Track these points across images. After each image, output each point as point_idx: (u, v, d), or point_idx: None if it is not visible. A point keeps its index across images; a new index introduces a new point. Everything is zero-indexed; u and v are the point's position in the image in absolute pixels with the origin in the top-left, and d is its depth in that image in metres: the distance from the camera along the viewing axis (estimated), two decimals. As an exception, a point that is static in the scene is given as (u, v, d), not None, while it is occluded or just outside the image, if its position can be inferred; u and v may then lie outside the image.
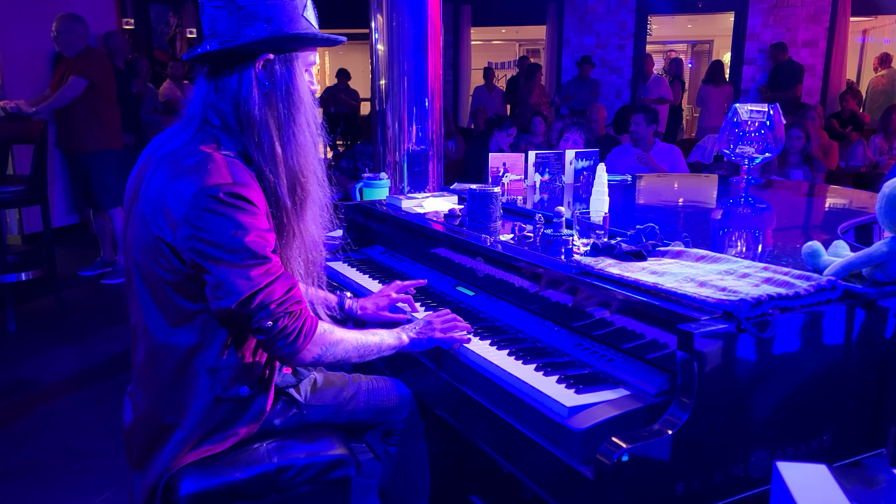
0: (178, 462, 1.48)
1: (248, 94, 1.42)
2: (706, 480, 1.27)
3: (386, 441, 1.83)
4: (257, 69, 1.43)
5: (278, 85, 1.44)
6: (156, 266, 1.40)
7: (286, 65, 1.45)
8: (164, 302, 1.43)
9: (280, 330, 1.40)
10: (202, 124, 1.44)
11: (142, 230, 1.42)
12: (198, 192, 1.33)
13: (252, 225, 1.36)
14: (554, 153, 2.92)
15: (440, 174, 3.85)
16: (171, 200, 1.35)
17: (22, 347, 4.01)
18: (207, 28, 1.43)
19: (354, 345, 1.56)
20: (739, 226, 2.31)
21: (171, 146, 1.44)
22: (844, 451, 1.43)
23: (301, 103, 1.47)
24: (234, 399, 1.50)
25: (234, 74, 1.42)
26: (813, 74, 8.99)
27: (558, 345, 1.66)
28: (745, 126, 2.88)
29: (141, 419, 1.52)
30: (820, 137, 6.04)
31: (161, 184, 1.38)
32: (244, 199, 1.36)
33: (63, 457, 2.85)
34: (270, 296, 1.38)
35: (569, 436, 1.31)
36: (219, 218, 1.33)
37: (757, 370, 1.30)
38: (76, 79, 4.74)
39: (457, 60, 11.00)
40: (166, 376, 1.46)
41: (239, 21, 1.39)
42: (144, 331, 1.47)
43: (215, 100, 1.44)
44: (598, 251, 1.69)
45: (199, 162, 1.36)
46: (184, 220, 1.34)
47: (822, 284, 1.35)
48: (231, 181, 1.35)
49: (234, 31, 1.40)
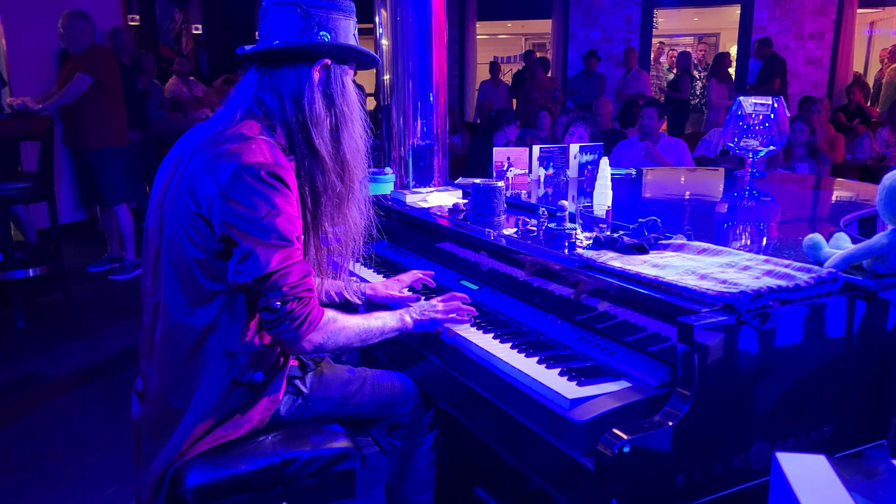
0: (189, 450, 1.50)
1: (311, 93, 1.53)
2: (707, 471, 1.28)
3: (391, 435, 1.84)
4: (315, 71, 1.54)
5: (335, 89, 1.57)
6: (186, 241, 1.46)
7: (341, 72, 1.59)
8: (188, 280, 1.48)
9: (287, 313, 1.44)
10: (247, 114, 1.53)
11: (179, 204, 1.47)
12: (239, 167, 1.40)
13: (284, 207, 1.43)
14: (558, 147, 2.92)
15: (445, 169, 3.86)
16: (211, 176, 1.42)
17: (30, 343, 4.05)
18: (266, 28, 1.54)
19: (356, 331, 1.59)
20: (743, 219, 2.31)
21: (213, 130, 1.51)
22: (845, 443, 1.44)
23: (356, 107, 1.61)
24: (248, 384, 1.54)
25: (292, 71, 1.53)
26: (820, 67, 8.95)
27: (561, 338, 1.67)
28: (750, 119, 2.88)
29: (151, 401, 1.54)
30: (826, 130, 6.02)
31: (202, 161, 1.45)
32: (282, 182, 1.43)
33: (71, 451, 2.87)
34: (286, 278, 1.43)
35: (571, 427, 1.32)
36: (256, 195, 1.40)
37: (757, 362, 1.30)
38: (82, 76, 4.77)
39: (462, 55, 10.99)
40: (180, 357, 1.50)
41: (305, 26, 1.52)
42: (164, 309, 1.50)
43: (265, 95, 1.54)
44: (601, 245, 1.70)
45: (241, 143, 1.44)
46: (221, 192, 1.40)
47: (823, 276, 1.36)
48: (272, 162, 1.43)
49: (299, 34, 1.52)
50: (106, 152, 5.01)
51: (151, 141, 6.61)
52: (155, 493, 1.51)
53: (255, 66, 1.57)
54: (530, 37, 14.79)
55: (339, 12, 1.56)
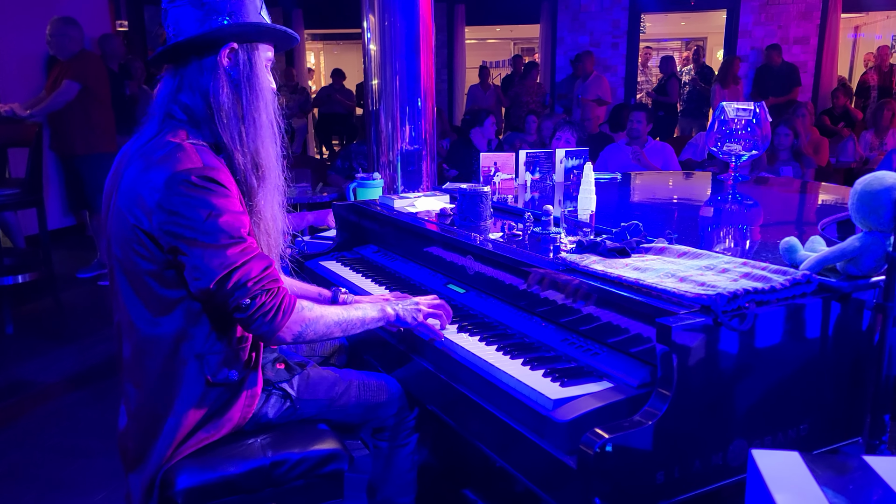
0: (174, 454, 1.52)
1: (215, 83, 1.49)
2: (686, 469, 1.31)
3: (376, 437, 1.86)
4: (223, 58, 1.50)
5: (242, 72, 1.52)
6: (135, 257, 1.45)
7: (249, 54, 1.53)
8: (146, 293, 1.48)
9: (258, 307, 1.44)
10: (167, 118, 1.51)
11: (119, 223, 1.47)
12: (170, 177, 1.38)
13: (225, 207, 1.42)
14: (545, 152, 2.95)
15: (434, 173, 3.89)
16: (145, 189, 1.41)
17: (20, 349, 4.04)
18: (172, 30, 1.51)
19: (336, 319, 1.59)
20: (725, 222, 2.35)
21: (139, 142, 1.51)
22: (822, 440, 1.47)
23: (262, 91, 1.54)
24: (224, 384, 1.55)
25: (201, 65, 1.50)
26: (805, 71, 9.04)
27: (545, 340, 1.70)
28: (733, 124, 2.93)
29: (134, 414, 1.56)
30: (811, 134, 6.09)
31: (134, 176, 1.44)
32: (215, 182, 1.41)
33: (61, 457, 2.88)
34: (247, 274, 1.42)
35: (554, 427, 1.35)
36: (192, 201, 1.39)
37: (735, 362, 1.34)
38: (70, 82, 4.77)
39: (451, 59, 11.03)
40: (155, 368, 1.51)
41: (203, 16, 1.48)
42: (130, 325, 1.51)
43: (181, 95, 1.51)
44: (584, 248, 1.73)
45: (169, 151, 1.42)
46: (158, 206, 1.39)
47: (798, 279, 1.39)
48: (202, 165, 1.41)
49: (198, 26, 1.48)
50: (93, 158, 5.01)
51: (140, 146, 6.61)
52: (146, 498, 1.52)
53: (168, 69, 1.54)
54: (519, 41, 14.87)
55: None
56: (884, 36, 10.54)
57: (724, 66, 8.43)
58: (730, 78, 8.23)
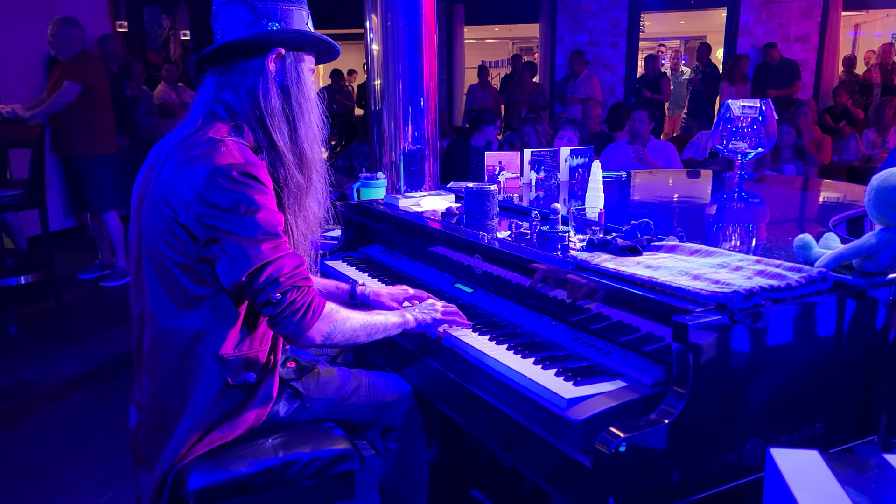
0: (188, 453, 1.51)
1: (266, 86, 1.52)
2: (702, 468, 1.30)
3: (385, 437, 1.86)
4: (270, 62, 1.53)
5: (289, 77, 1.55)
6: (167, 248, 1.46)
7: (296, 60, 1.57)
8: (173, 286, 1.48)
9: (289, 304, 1.44)
10: (209, 116, 1.53)
11: (155, 213, 1.47)
12: (211, 171, 1.41)
13: (263, 203, 1.44)
14: (549, 151, 2.95)
15: (437, 173, 3.88)
16: (185, 181, 1.42)
17: (23, 350, 4.03)
18: (221, 31, 1.54)
19: (361, 323, 1.60)
20: (733, 220, 2.35)
21: (179, 136, 1.52)
22: (837, 439, 1.46)
23: (309, 97, 1.59)
24: (242, 385, 1.55)
25: (247, 66, 1.53)
26: (806, 69, 9.04)
27: (556, 339, 1.69)
28: (738, 122, 2.92)
29: (146, 408, 1.55)
30: (813, 132, 6.09)
31: (174, 169, 1.45)
32: (255, 179, 1.43)
33: (66, 457, 2.87)
34: (280, 269, 1.43)
35: (568, 427, 1.34)
36: (231, 195, 1.40)
37: (750, 360, 1.33)
38: (70, 84, 4.75)
39: (450, 59, 11.02)
40: (171, 361, 1.50)
41: (253, 20, 1.51)
42: (151, 316, 1.51)
43: (226, 95, 1.54)
44: (594, 247, 1.72)
45: (211, 146, 1.44)
46: (197, 198, 1.40)
47: (813, 276, 1.39)
48: (243, 161, 1.44)
49: (248, 29, 1.51)
50: (93, 160, 5.00)
51: (140, 148, 6.59)
52: (157, 497, 1.51)
53: (212, 69, 1.57)
54: (518, 41, 14.87)
55: (287, 2, 1.55)
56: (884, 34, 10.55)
57: (733, 64, 8.41)
58: (738, 76, 8.22)
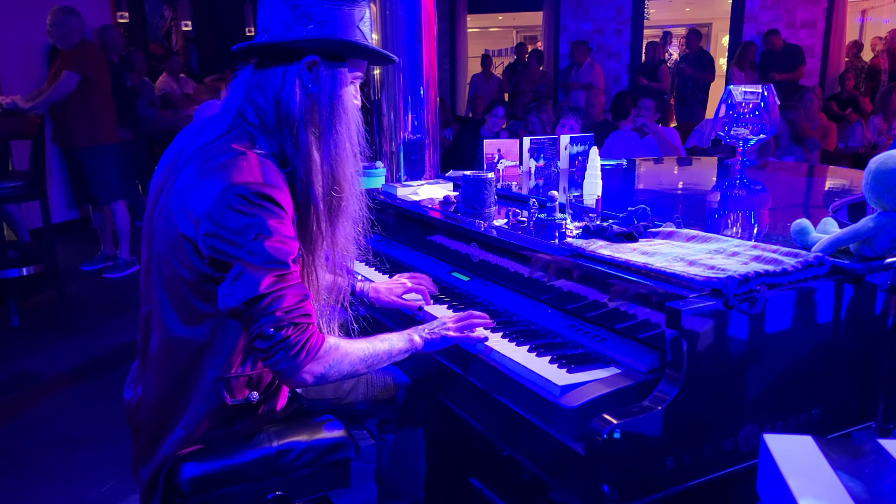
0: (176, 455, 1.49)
1: (291, 93, 1.40)
2: (696, 455, 1.29)
3: (382, 428, 1.85)
4: (302, 69, 1.41)
5: (322, 89, 1.42)
6: (175, 262, 1.39)
7: (332, 70, 1.43)
8: (178, 300, 1.42)
9: (282, 340, 1.33)
10: (237, 119, 1.42)
11: (166, 225, 1.40)
12: (226, 188, 1.30)
13: (276, 229, 1.32)
14: (548, 138, 2.93)
15: (436, 162, 3.86)
16: (197, 196, 1.33)
17: (25, 342, 4.04)
18: (262, 23, 1.42)
19: (361, 356, 1.48)
20: (733, 207, 2.33)
21: (203, 139, 1.42)
22: (834, 425, 1.45)
23: (344, 112, 1.45)
24: (242, 404, 1.50)
25: (278, 71, 1.41)
26: (812, 56, 8.96)
27: (552, 326, 1.68)
28: (740, 108, 2.89)
29: (151, 406, 1.51)
30: (818, 119, 6.04)
31: (190, 179, 1.36)
32: (272, 202, 1.32)
33: (68, 448, 2.88)
34: (279, 302, 1.32)
35: (561, 414, 1.33)
36: (243, 218, 1.30)
37: (745, 346, 1.32)
38: (69, 73, 4.74)
39: (453, 49, 10.97)
40: (177, 370, 1.46)
41: (293, 19, 1.38)
42: (159, 322, 1.46)
43: (256, 96, 1.42)
44: (590, 233, 1.71)
45: (230, 159, 1.33)
46: (207, 215, 1.30)
47: (810, 261, 1.37)
48: (261, 181, 1.32)
49: (286, 29, 1.39)
50: (95, 150, 4.99)
51: (142, 139, 6.59)
52: (151, 486, 1.51)
53: (251, 63, 1.45)
54: (521, 29, 14.78)
55: (333, 1, 1.40)
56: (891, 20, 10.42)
57: (742, 51, 8.34)
58: (746, 63, 8.15)
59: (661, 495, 1.28)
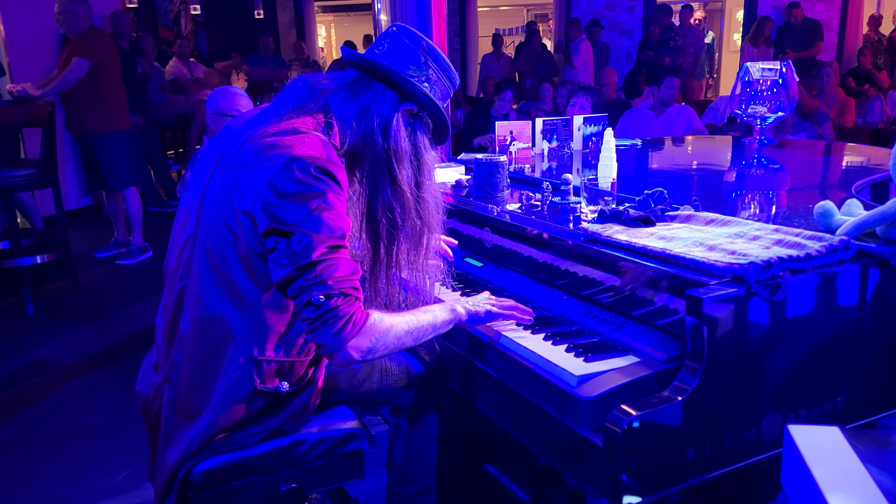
0: (201, 450, 1.46)
1: (397, 125, 1.50)
2: (717, 445, 1.26)
3: (396, 415, 1.83)
4: (407, 110, 1.52)
5: (418, 136, 1.55)
6: (227, 233, 1.40)
7: (422, 126, 1.56)
8: (223, 273, 1.42)
9: (330, 309, 1.33)
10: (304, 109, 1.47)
11: (220, 199, 1.41)
12: (290, 160, 1.34)
13: (335, 203, 1.37)
14: (561, 119, 2.87)
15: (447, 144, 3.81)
16: (261, 167, 1.36)
17: (40, 329, 4.06)
18: (382, 48, 1.51)
19: (406, 328, 1.47)
20: (752, 187, 2.27)
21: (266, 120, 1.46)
22: (859, 412, 1.42)
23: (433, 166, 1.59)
24: (272, 393, 1.48)
25: (385, 99, 1.50)
26: (829, 30, 8.77)
27: (567, 313, 1.65)
28: (757, 85, 2.82)
29: (177, 388, 1.48)
30: (836, 94, 5.92)
31: (251, 151, 1.40)
32: (333, 178, 1.37)
33: (84, 435, 2.89)
34: (332, 271, 1.34)
35: (578, 404, 1.31)
36: (305, 188, 1.34)
37: (768, 333, 1.28)
38: (79, 60, 4.73)
39: (464, 28, 10.85)
40: (205, 351, 1.45)
41: (417, 69, 1.50)
42: (196, 298, 1.45)
43: (346, 101, 1.49)
44: (606, 218, 1.67)
45: (294, 136, 1.39)
46: (269, 185, 1.34)
47: (835, 245, 1.33)
48: (325, 157, 1.37)
49: (405, 68, 1.49)
50: (107, 137, 4.98)
51: (153, 124, 6.58)
52: (169, 483, 1.49)
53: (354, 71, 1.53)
54: (532, 7, 14.59)
55: (448, 80, 1.56)
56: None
57: (757, 27, 8.18)
58: (761, 39, 7.99)
59: (681, 486, 1.25)
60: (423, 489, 1.84)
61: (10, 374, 3.50)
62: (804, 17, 8.10)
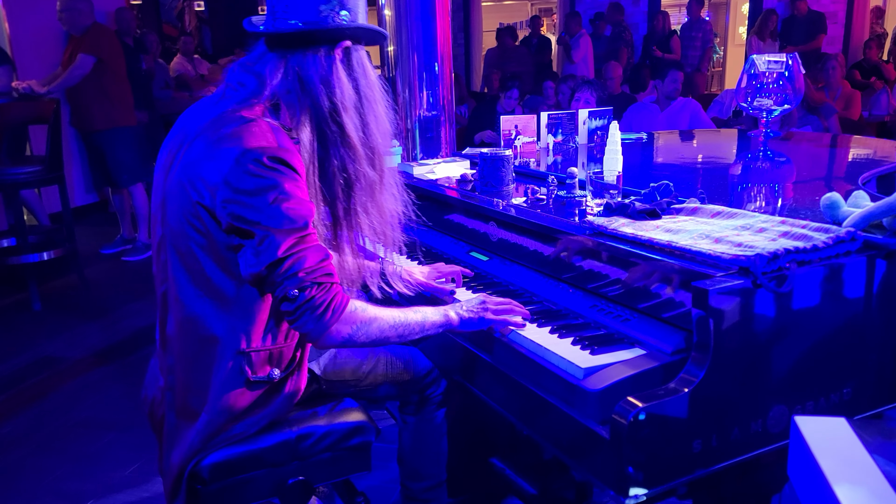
0: (205, 447, 1.47)
1: (338, 77, 1.45)
2: (724, 437, 1.26)
3: (403, 411, 1.83)
4: (341, 55, 1.46)
5: (357, 70, 1.49)
6: (192, 233, 1.39)
7: (360, 53, 1.51)
8: (196, 271, 1.42)
9: (307, 300, 1.34)
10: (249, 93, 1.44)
11: (179, 198, 1.40)
12: (241, 154, 1.32)
13: (292, 192, 1.35)
14: (567, 113, 2.87)
15: (453, 140, 3.81)
16: (213, 164, 1.34)
17: (47, 326, 4.09)
18: (281, 7, 1.43)
19: (391, 323, 1.47)
20: (758, 180, 2.27)
21: (212, 114, 1.43)
22: (866, 404, 1.41)
23: (379, 88, 1.53)
24: (265, 381, 1.48)
25: (317, 56, 1.44)
26: (834, 22, 8.72)
27: (573, 307, 1.65)
28: (763, 78, 2.81)
29: (174, 391, 1.50)
30: (842, 87, 5.90)
31: (202, 148, 1.38)
32: (287, 165, 1.35)
33: (91, 431, 2.91)
34: (301, 263, 1.34)
35: (584, 397, 1.31)
36: (260, 181, 1.32)
37: (774, 325, 1.28)
38: (84, 56, 4.74)
39: (467, 23, 10.82)
40: (193, 350, 1.45)
41: (323, 6, 1.42)
42: (175, 300, 1.45)
43: (276, 75, 1.44)
44: (612, 211, 1.67)
45: (242, 126, 1.36)
46: (224, 181, 1.32)
47: (841, 236, 1.32)
48: (275, 145, 1.35)
49: (317, 15, 1.42)
50: (113, 133, 5.00)
51: (159, 121, 6.59)
52: (175, 487, 1.50)
53: (266, 44, 1.47)
54: (536, 1, 14.55)
55: None
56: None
57: (763, 20, 8.14)
58: (767, 32, 7.95)
59: (688, 478, 1.25)
60: (435, 483, 1.84)
61: (17, 371, 3.52)
62: (809, 9, 8.06)
